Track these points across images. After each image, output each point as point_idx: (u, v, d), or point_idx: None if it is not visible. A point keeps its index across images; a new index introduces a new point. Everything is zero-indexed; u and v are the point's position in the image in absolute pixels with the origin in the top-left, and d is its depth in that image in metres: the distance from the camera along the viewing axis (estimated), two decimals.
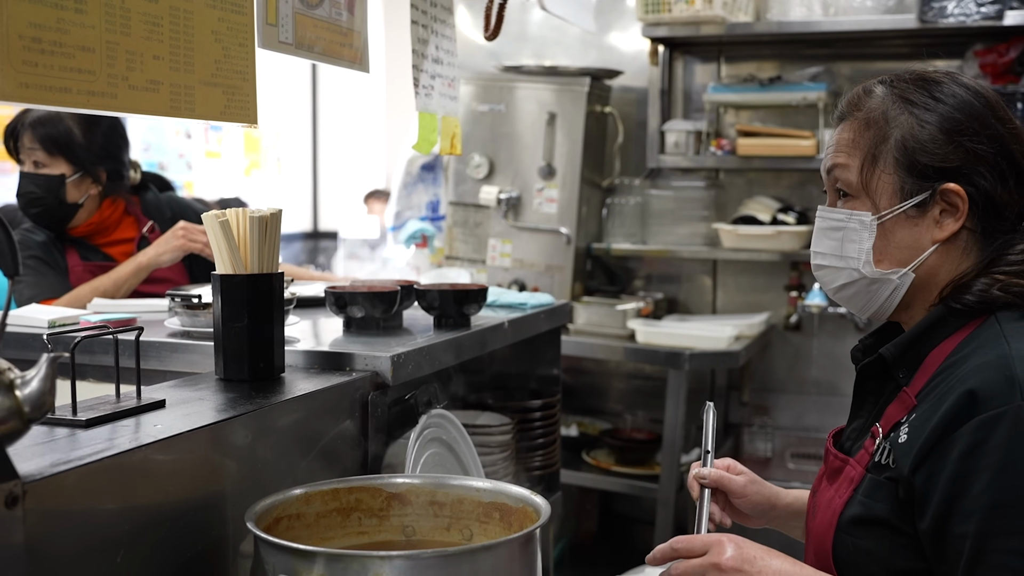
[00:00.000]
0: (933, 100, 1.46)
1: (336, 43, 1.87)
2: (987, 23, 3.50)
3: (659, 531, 3.68)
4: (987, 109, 1.45)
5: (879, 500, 1.40)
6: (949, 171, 1.43)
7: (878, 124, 1.47)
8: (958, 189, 1.42)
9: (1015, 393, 1.29)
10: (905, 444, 1.37)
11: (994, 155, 1.43)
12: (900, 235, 1.46)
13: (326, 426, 1.65)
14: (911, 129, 1.45)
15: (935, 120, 1.44)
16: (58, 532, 1.12)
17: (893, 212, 1.45)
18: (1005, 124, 1.45)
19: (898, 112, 1.47)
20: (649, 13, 3.91)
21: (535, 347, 2.66)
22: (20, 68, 1.16)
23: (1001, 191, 1.43)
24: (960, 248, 1.45)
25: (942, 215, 1.44)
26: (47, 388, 1.07)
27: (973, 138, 1.43)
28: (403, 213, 4.72)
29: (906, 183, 1.44)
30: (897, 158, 1.45)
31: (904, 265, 1.46)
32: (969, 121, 1.44)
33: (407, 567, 1.16)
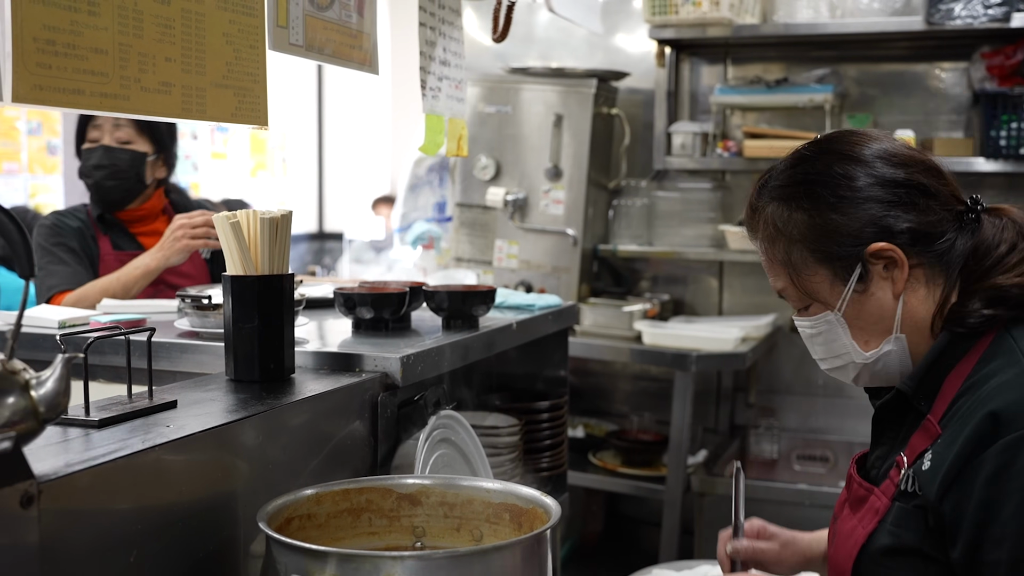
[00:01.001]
0: (806, 187, 1.47)
1: (346, 45, 1.88)
2: (994, 25, 3.49)
3: (665, 533, 3.68)
4: (854, 161, 1.45)
5: (909, 529, 1.38)
6: (864, 236, 1.43)
7: (778, 237, 1.49)
8: (882, 246, 1.42)
9: None
10: (929, 471, 1.35)
11: (890, 195, 1.43)
12: (867, 312, 1.47)
13: (336, 427, 1.66)
14: (804, 225, 1.46)
15: (819, 204, 1.45)
16: (72, 532, 1.13)
17: (845, 299, 1.46)
18: (875, 162, 1.45)
19: (786, 216, 1.48)
20: (656, 15, 3.92)
21: (542, 348, 2.66)
22: (34, 70, 1.17)
23: (920, 218, 1.43)
24: (923, 283, 1.45)
25: (886, 270, 1.44)
26: (62, 388, 1.08)
27: (860, 197, 1.43)
28: (410, 214, 4.73)
29: (836, 269, 1.46)
30: (812, 256, 1.46)
31: (889, 332, 1.47)
32: (847, 183, 1.44)
33: (419, 567, 1.17)
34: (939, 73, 3.98)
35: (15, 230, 1.08)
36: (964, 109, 3.93)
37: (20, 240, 1.08)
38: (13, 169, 6.21)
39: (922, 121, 3.96)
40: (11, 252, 1.07)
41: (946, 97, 3.97)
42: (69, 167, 6.46)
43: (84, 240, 2.77)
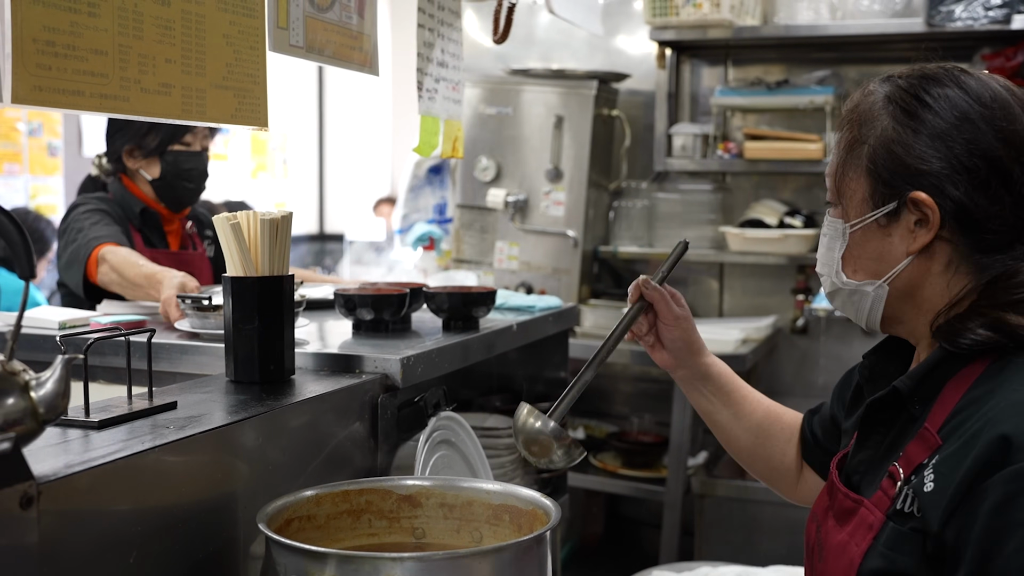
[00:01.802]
0: (917, 103, 1.35)
1: (346, 46, 1.88)
2: (995, 27, 3.50)
3: (665, 534, 3.68)
4: (981, 113, 1.33)
5: (904, 554, 1.27)
6: (920, 178, 1.32)
7: (858, 126, 1.39)
8: (925, 198, 1.31)
9: None
10: (933, 493, 1.24)
11: (975, 163, 1.31)
12: (872, 245, 1.38)
13: (336, 428, 1.66)
14: (887, 132, 1.35)
15: (913, 124, 1.34)
16: (72, 533, 1.13)
17: (864, 221, 1.37)
18: (999, 131, 1.32)
19: (879, 114, 1.37)
20: (656, 16, 3.92)
21: (543, 350, 2.66)
22: (34, 71, 1.17)
23: (981, 201, 1.31)
24: (943, 264, 1.35)
25: (916, 225, 1.34)
26: (61, 389, 1.08)
27: (951, 145, 1.32)
28: (410, 216, 4.74)
29: (876, 190, 1.36)
30: (868, 164, 1.37)
31: (878, 277, 1.38)
32: (952, 126, 1.33)
33: (418, 569, 1.17)
34: None
35: (15, 231, 1.08)
36: None
37: (20, 241, 1.08)
38: (14, 170, 6.22)
39: None
40: (11, 253, 1.07)
41: None
42: (69, 168, 6.47)
43: (124, 229, 2.84)
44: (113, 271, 2.57)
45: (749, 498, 3.60)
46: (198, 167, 2.92)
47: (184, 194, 2.94)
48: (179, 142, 2.88)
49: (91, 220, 2.76)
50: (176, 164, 2.88)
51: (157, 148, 2.86)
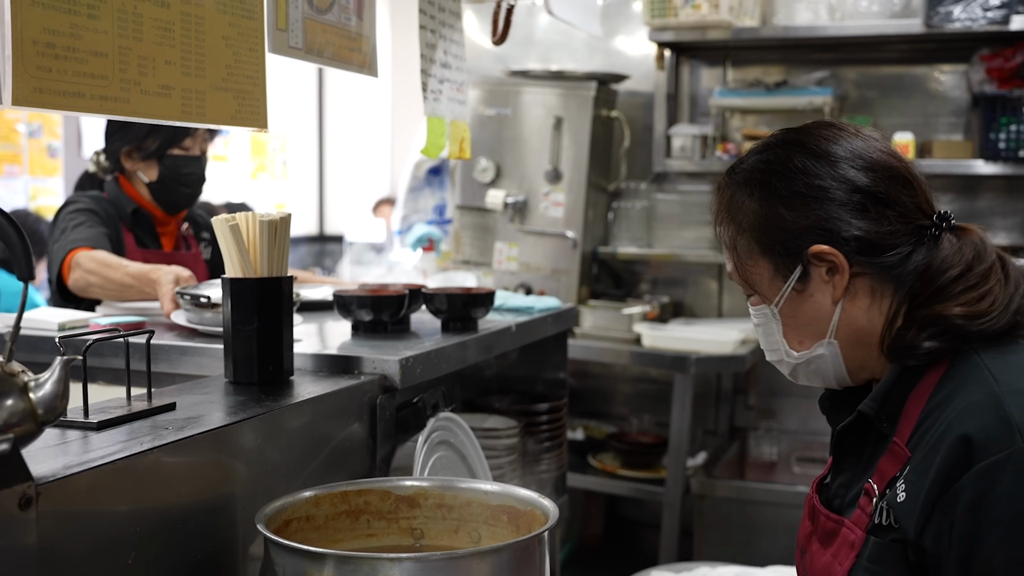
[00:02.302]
0: (763, 175, 1.43)
1: (345, 48, 1.88)
2: (993, 28, 3.50)
3: (665, 535, 3.68)
4: (817, 157, 1.41)
5: (889, 567, 1.31)
6: (808, 234, 1.38)
7: (730, 222, 1.46)
8: (824, 248, 1.37)
9: (1014, 436, 1.22)
10: (906, 503, 1.29)
11: (844, 198, 1.37)
12: (802, 312, 1.42)
13: (335, 429, 1.66)
14: (757, 213, 1.42)
15: (771, 195, 1.41)
16: (71, 534, 1.13)
17: (783, 295, 1.42)
18: (839, 162, 1.40)
19: (740, 202, 1.44)
20: (655, 18, 3.92)
21: (542, 351, 2.66)
22: (34, 73, 1.17)
23: (871, 227, 1.37)
24: (868, 295, 1.40)
25: (829, 275, 1.39)
26: (60, 391, 1.08)
27: (812, 195, 1.38)
28: (410, 217, 4.74)
29: (778, 264, 1.42)
30: (758, 247, 1.43)
31: (823, 336, 1.42)
32: (803, 179, 1.39)
33: (417, 569, 1.17)
34: (938, 76, 3.99)
35: (14, 233, 1.09)
36: (963, 111, 3.93)
37: (19, 243, 1.08)
38: (14, 171, 6.22)
39: (921, 123, 3.96)
40: (10, 255, 1.07)
41: (945, 100, 3.97)
42: (69, 169, 6.47)
43: (115, 230, 2.84)
44: (92, 274, 2.55)
45: (748, 499, 3.60)
46: (196, 172, 2.91)
47: (180, 198, 2.93)
48: (178, 146, 2.88)
49: (75, 222, 2.75)
50: (174, 168, 2.87)
51: (156, 151, 2.86)
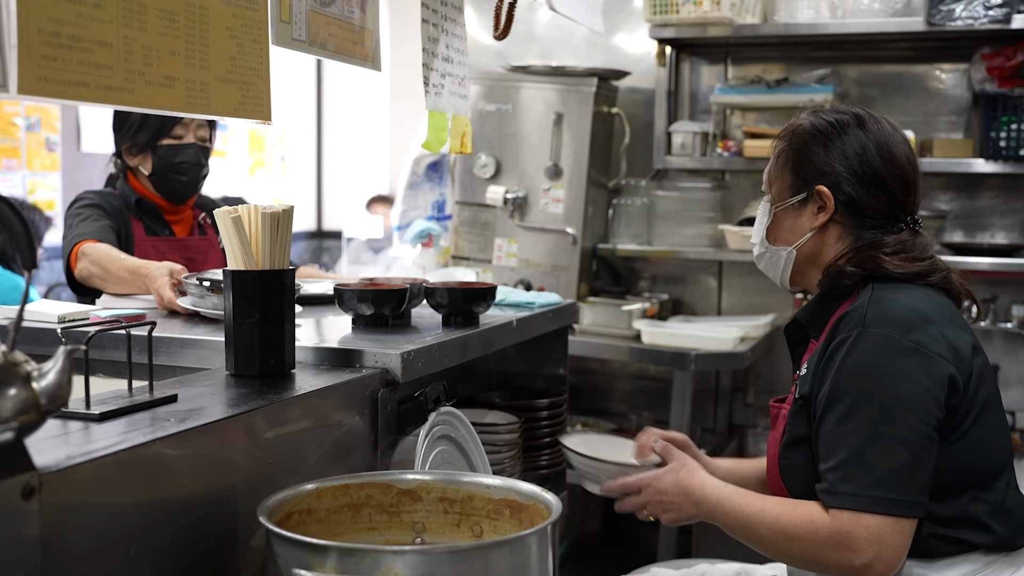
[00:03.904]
0: (825, 126, 1.90)
1: (348, 41, 1.88)
2: (994, 26, 3.50)
3: (663, 531, 3.68)
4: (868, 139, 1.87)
5: (798, 424, 1.81)
6: (824, 177, 1.88)
7: (788, 139, 1.95)
8: (825, 191, 1.87)
9: (861, 322, 1.72)
10: (806, 374, 1.81)
11: (864, 171, 1.86)
12: (787, 222, 1.94)
13: (336, 422, 1.66)
14: (803, 144, 1.91)
15: (822, 139, 1.89)
16: (73, 524, 1.13)
17: (784, 204, 1.93)
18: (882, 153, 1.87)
19: (801, 131, 1.92)
20: (656, 14, 3.92)
21: (542, 346, 2.66)
22: (39, 62, 1.17)
23: (864, 196, 1.85)
24: (835, 238, 1.89)
25: (819, 211, 1.89)
26: (63, 381, 1.08)
27: (846, 157, 1.87)
28: (409, 212, 4.73)
29: (794, 183, 1.92)
30: (790, 164, 1.92)
31: (789, 244, 1.94)
32: (847, 145, 1.87)
33: (419, 562, 1.17)
34: (939, 74, 3.99)
35: (17, 221, 1.08)
36: (964, 110, 3.93)
37: (23, 232, 1.08)
38: (12, 165, 6.21)
39: (922, 122, 3.96)
40: (13, 243, 1.07)
41: (946, 98, 3.97)
42: (68, 163, 6.46)
43: (122, 221, 2.88)
44: (94, 265, 2.61)
45: None
46: (189, 159, 2.91)
47: (179, 187, 2.94)
48: (169, 136, 2.89)
49: (80, 217, 2.81)
50: (167, 158, 2.89)
51: (148, 143, 2.88)
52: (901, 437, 1.66)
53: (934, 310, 1.77)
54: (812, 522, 1.70)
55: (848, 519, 1.65)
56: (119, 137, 2.94)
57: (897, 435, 1.66)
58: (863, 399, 1.68)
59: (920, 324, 1.72)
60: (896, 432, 1.66)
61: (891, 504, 1.64)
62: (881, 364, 1.69)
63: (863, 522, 1.65)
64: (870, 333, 1.71)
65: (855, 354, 1.71)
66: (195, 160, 2.93)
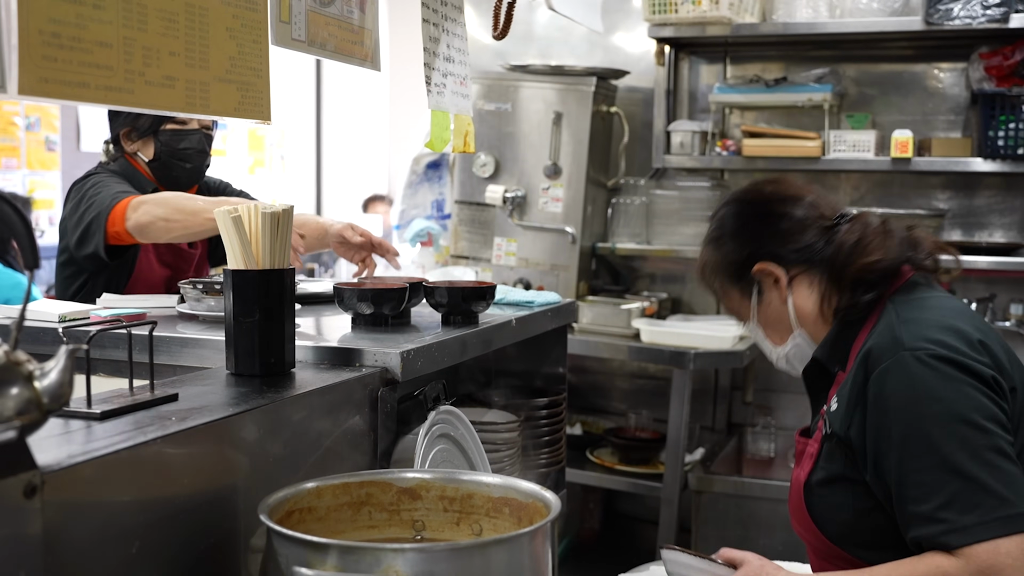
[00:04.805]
0: (714, 232, 1.96)
1: (348, 41, 1.88)
2: (993, 25, 3.50)
3: (663, 530, 3.69)
4: (734, 206, 1.95)
5: (834, 462, 1.73)
6: (748, 261, 1.89)
7: (708, 273, 1.98)
8: (761, 266, 1.88)
9: (898, 347, 1.65)
10: (836, 411, 1.73)
11: (761, 228, 1.88)
12: (770, 317, 1.92)
13: (336, 421, 1.66)
14: (717, 260, 1.95)
15: (719, 246, 1.94)
16: (75, 522, 1.14)
17: (753, 310, 1.93)
18: (746, 205, 1.94)
19: (707, 256, 1.98)
20: (655, 14, 3.92)
21: (541, 345, 2.66)
22: (39, 63, 1.17)
23: (787, 239, 1.86)
24: (804, 285, 1.87)
25: (775, 284, 1.88)
26: (66, 380, 1.08)
27: (740, 232, 1.90)
28: (408, 212, 4.74)
29: (742, 289, 1.93)
30: (725, 282, 1.95)
31: (791, 329, 1.90)
32: (732, 227, 1.92)
33: (419, 560, 1.17)
34: (937, 73, 3.99)
35: (19, 221, 1.09)
36: (962, 109, 3.94)
37: (24, 231, 1.08)
38: (11, 164, 6.21)
39: (920, 121, 3.97)
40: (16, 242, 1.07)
41: (944, 97, 3.98)
42: (67, 163, 6.46)
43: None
44: (159, 206, 2.45)
45: (746, 494, 3.61)
46: (194, 146, 2.82)
47: (182, 174, 2.84)
48: (173, 120, 2.79)
49: (106, 184, 2.65)
50: (170, 144, 2.79)
51: (150, 128, 2.78)
52: (995, 447, 1.56)
53: (964, 320, 1.72)
54: (944, 571, 1.54)
55: (986, 552, 1.51)
56: (118, 122, 2.83)
57: (991, 446, 1.56)
58: (939, 425, 1.58)
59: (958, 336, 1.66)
60: (989, 443, 1.56)
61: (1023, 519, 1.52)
62: (937, 384, 1.60)
63: (1003, 548, 1.51)
64: (915, 357, 1.63)
65: (905, 382, 1.62)
66: (199, 147, 2.84)
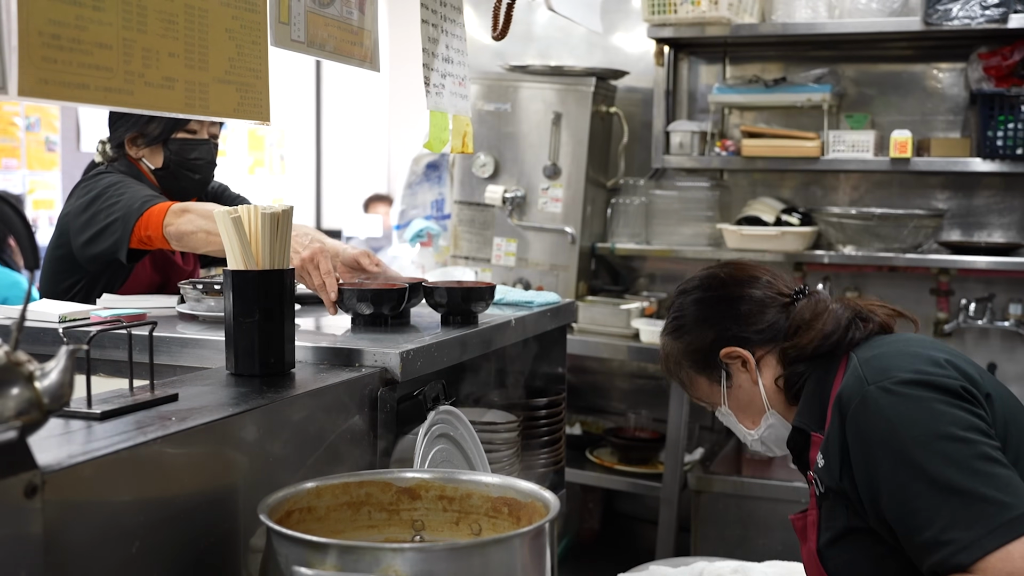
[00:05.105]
0: (673, 323, 1.94)
1: (347, 42, 1.88)
2: (992, 26, 3.51)
3: (662, 530, 3.70)
4: (692, 293, 1.92)
5: (837, 518, 1.69)
6: (714, 345, 1.86)
7: (672, 365, 1.96)
8: (730, 350, 1.85)
9: (862, 384, 1.64)
10: (824, 466, 1.70)
11: (723, 312, 1.86)
12: (741, 401, 1.89)
13: (336, 421, 1.67)
14: (680, 351, 1.92)
15: (680, 333, 1.92)
16: (75, 522, 1.14)
17: (724, 396, 1.90)
18: (706, 292, 1.91)
19: (669, 347, 1.95)
20: (655, 14, 3.93)
21: (541, 345, 2.67)
22: (40, 64, 1.17)
23: (750, 320, 1.85)
24: (773, 364, 1.85)
25: (743, 366, 1.86)
26: (66, 380, 1.09)
27: (703, 321, 1.88)
28: (408, 212, 4.74)
29: (709, 376, 1.90)
30: (692, 370, 1.92)
31: (763, 411, 1.87)
32: (691, 313, 1.90)
33: (419, 559, 1.18)
34: (936, 73, 4.00)
35: (19, 222, 1.09)
36: (961, 109, 3.94)
37: (25, 232, 1.08)
38: (11, 165, 6.21)
39: (919, 121, 3.97)
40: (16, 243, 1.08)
41: (943, 97, 3.98)
42: (67, 163, 6.46)
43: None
44: (202, 219, 2.37)
45: (745, 494, 3.61)
46: (204, 156, 2.76)
47: (189, 184, 2.77)
48: (184, 129, 2.73)
49: (131, 185, 2.59)
50: (181, 153, 2.73)
51: (160, 136, 2.72)
52: (981, 454, 1.52)
53: (924, 346, 1.72)
54: None
55: (999, 560, 1.45)
56: (122, 127, 2.74)
57: (977, 454, 1.52)
58: (919, 447, 1.54)
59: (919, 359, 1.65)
60: (975, 452, 1.52)
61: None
62: (907, 408, 1.58)
63: (1015, 553, 1.45)
64: (880, 388, 1.61)
65: (877, 415, 1.60)
66: (209, 157, 2.79)
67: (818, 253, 3.88)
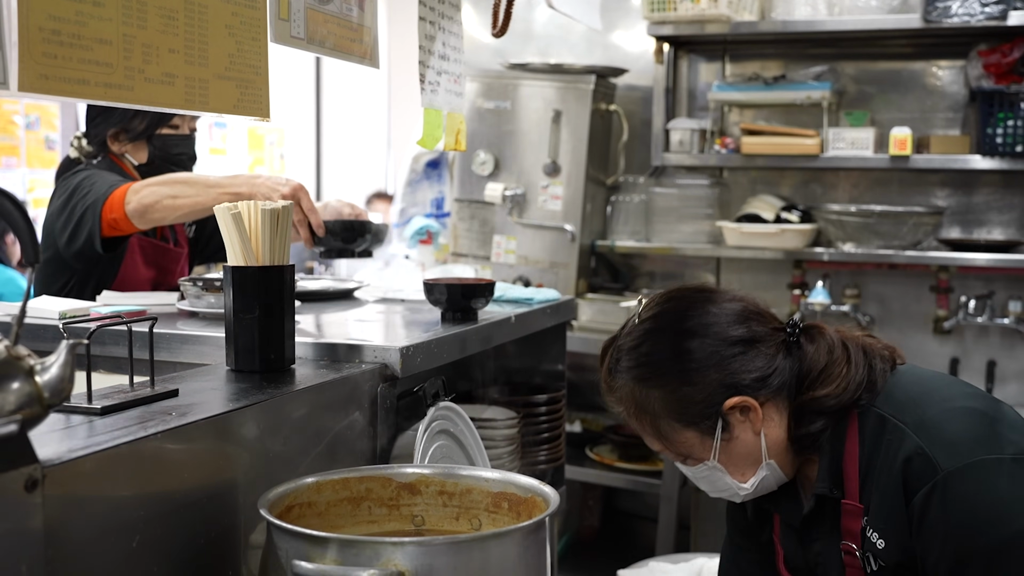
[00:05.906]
0: (653, 367, 1.60)
1: (347, 38, 1.89)
2: (991, 23, 3.51)
3: (662, 527, 3.70)
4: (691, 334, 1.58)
5: None
6: (716, 396, 1.56)
7: (642, 414, 1.61)
8: (737, 400, 1.56)
9: (936, 467, 1.44)
10: (886, 548, 1.51)
11: (728, 354, 1.56)
12: (737, 453, 1.60)
13: (336, 417, 1.67)
14: (662, 401, 1.59)
15: (669, 381, 1.58)
16: (76, 516, 1.14)
17: (716, 451, 1.59)
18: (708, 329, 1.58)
19: (643, 395, 1.60)
20: (654, 12, 3.93)
21: (540, 342, 2.67)
22: (40, 60, 1.18)
23: (756, 363, 1.57)
24: (775, 412, 1.59)
25: (743, 415, 1.58)
26: (66, 375, 1.09)
27: (705, 366, 1.56)
28: (408, 210, 4.74)
29: (701, 429, 1.58)
30: (677, 424, 1.59)
31: (760, 462, 1.60)
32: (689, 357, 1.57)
33: (419, 553, 1.18)
34: (936, 71, 4.00)
35: (20, 217, 1.09)
36: (961, 107, 3.94)
37: (25, 227, 1.09)
38: (11, 163, 6.22)
39: (919, 118, 3.97)
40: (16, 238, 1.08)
41: (943, 95, 3.98)
42: None
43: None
44: (163, 185, 2.38)
45: None
46: (187, 151, 2.79)
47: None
48: (167, 125, 2.74)
49: (100, 175, 2.58)
50: (165, 148, 2.74)
51: (144, 131, 2.71)
52: None
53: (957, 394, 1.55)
54: None
55: None
56: (104, 123, 2.72)
57: None
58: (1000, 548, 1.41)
59: (986, 427, 1.48)
60: None
61: None
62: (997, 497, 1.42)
63: None
64: (956, 472, 1.44)
65: (959, 501, 1.43)
66: (192, 152, 2.80)
67: (818, 250, 3.88)
